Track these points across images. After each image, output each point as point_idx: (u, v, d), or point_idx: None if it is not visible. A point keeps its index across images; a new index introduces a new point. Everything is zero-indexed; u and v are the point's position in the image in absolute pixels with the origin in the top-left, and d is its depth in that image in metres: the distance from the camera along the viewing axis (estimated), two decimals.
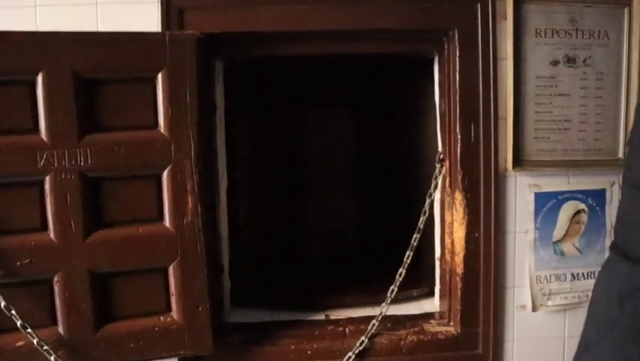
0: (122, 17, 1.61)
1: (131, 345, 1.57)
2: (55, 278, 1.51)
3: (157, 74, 1.54)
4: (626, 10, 1.77)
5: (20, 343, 1.48)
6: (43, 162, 1.47)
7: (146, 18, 1.62)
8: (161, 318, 1.60)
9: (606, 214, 1.84)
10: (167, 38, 1.54)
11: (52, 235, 1.50)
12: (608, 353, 0.71)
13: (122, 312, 1.58)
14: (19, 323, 1.44)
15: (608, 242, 1.84)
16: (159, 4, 1.62)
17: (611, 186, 1.84)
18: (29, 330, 1.45)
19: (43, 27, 1.57)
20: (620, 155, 1.82)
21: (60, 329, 1.52)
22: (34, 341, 1.45)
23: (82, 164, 1.50)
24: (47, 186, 1.48)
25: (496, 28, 1.73)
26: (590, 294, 1.85)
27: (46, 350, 1.46)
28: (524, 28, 1.74)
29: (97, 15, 1.61)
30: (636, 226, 0.73)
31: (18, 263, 1.47)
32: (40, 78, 1.45)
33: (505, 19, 1.73)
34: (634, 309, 0.68)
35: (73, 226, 1.50)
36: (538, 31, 1.75)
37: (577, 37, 1.76)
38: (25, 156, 1.46)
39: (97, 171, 1.51)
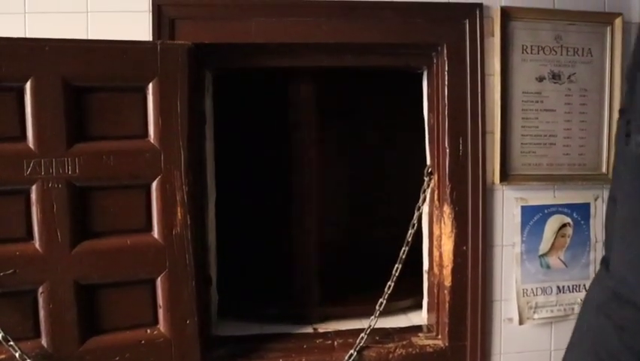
0: (112, 26, 1.60)
1: (117, 359, 1.53)
2: (40, 289, 1.47)
3: (148, 83, 1.53)
4: (608, 29, 1.82)
5: (2, 356, 1.44)
6: (29, 170, 1.44)
7: (137, 27, 1.62)
8: (148, 331, 1.57)
9: (590, 228, 1.87)
10: (158, 48, 1.53)
11: (37, 245, 1.47)
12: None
13: (107, 324, 1.55)
14: (0, 335, 1.40)
15: (592, 255, 1.87)
16: (150, 14, 1.62)
17: (595, 200, 1.87)
18: (11, 343, 1.41)
19: (32, 34, 1.56)
20: (604, 170, 1.85)
21: (44, 342, 1.48)
22: (17, 355, 1.41)
23: (69, 173, 1.47)
24: (33, 195, 1.45)
25: (484, 44, 1.77)
26: (575, 307, 1.88)
27: None
28: (511, 45, 1.78)
29: (87, 23, 1.60)
30: (610, 235, 0.74)
31: (1, 273, 1.43)
32: (28, 85, 1.43)
33: (493, 35, 1.76)
34: (606, 318, 0.68)
35: (59, 236, 1.47)
36: (524, 47, 1.79)
37: (562, 54, 1.81)
38: (11, 163, 1.43)
39: (85, 180, 1.49)
